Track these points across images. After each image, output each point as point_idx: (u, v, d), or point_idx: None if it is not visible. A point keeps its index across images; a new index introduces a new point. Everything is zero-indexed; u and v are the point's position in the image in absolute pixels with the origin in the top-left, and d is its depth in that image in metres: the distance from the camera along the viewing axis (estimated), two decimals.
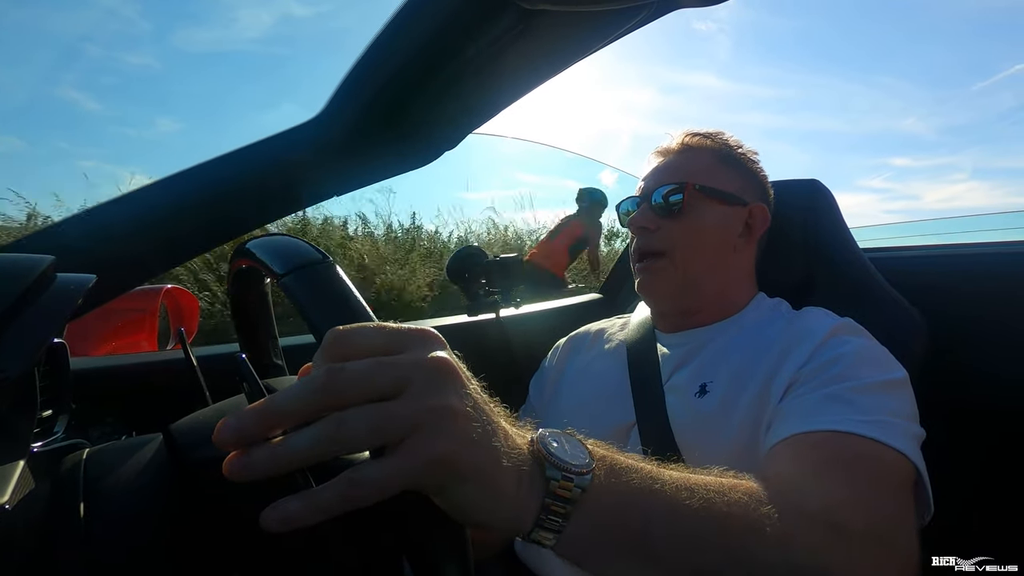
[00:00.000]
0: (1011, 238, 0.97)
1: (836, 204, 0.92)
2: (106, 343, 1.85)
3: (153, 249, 0.69)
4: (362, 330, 0.30)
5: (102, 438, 0.76)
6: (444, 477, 0.29)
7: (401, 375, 0.28)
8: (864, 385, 0.56)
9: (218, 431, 0.27)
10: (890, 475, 0.51)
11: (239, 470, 0.27)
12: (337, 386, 0.27)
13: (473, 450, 0.29)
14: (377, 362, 0.28)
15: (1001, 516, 0.87)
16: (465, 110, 0.70)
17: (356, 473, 0.27)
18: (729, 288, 0.78)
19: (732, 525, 0.38)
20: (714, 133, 0.81)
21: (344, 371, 0.27)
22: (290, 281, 0.37)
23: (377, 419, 0.27)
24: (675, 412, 0.69)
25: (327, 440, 0.27)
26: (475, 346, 1.22)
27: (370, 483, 0.27)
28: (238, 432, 0.27)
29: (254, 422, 0.27)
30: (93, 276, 0.44)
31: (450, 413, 0.28)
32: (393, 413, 0.27)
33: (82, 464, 0.38)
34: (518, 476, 0.31)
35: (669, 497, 0.36)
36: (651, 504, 0.35)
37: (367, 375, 0.28)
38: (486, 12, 0.50)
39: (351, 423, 0.27)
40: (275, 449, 0.27)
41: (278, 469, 0.27)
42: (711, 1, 0.51)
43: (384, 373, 0.28)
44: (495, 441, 0.30)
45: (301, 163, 0.72)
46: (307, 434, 0.27)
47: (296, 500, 0.27)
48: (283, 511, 0.27)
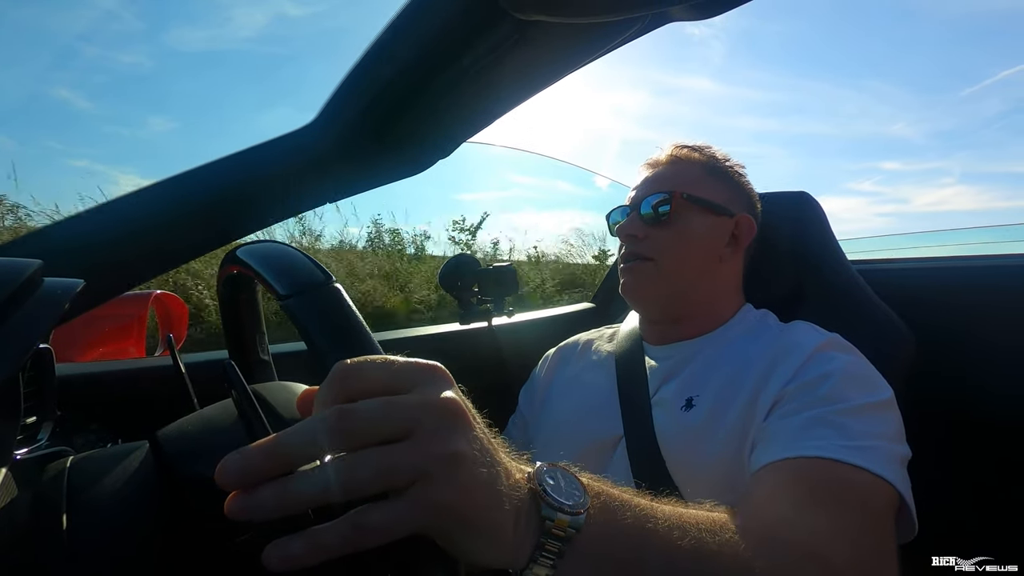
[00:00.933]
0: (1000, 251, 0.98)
1: (825, 216, 0.93)
2: (93, 349, 1.82)
3: (142, 254, 0.69)
4: (370, 366, 0.30)
5: (87, 445, 0.75)
6: (448, 522, 0.29)
7: (409, 417, 0.28)
8: (850, 408, 0.56)
9: (222, 470, 0.26)
10: (874, 504, 0.51)
11: (242, 511, 0.26)
12: (347, 429, 0.27)
13: (479, 496, 0.29)
14: (387, 403, 0.28)
15: (1001, 516, 0.87)
16: (459, 119, 0.70)
17: (361, 517, 0.27)
18: (716, 297, 0.79)
19: (722, 565, 0.38)
20: (703, 146, 0.83)
21: (353, 413, 0.27)
22: (294, 304, 0.37)
23: (385, 465, 0.27)
24: (662, 425, 0.69)
25: (334, 486, 0.26)
26: (467, 354, 1.22)
27: (374, 526, 0.27)
28: (243, 472, 0.26)
29: (260, 462, 0.27)
30: (81, 281, 0.43)
31: (458, 459, 0.28)
32: (401, 459, 0.27)
33: (66, 472, 0.37)
34: (516, 515, 0.31)
35: (662, 536, 0.36)
36: (644, 543, 0.36)
37: (375, 419, 0.28)
38: (482, 23, 0.51)
39: (360, 470, 0.27)
40: (280, 494, 0.27)
41: (282, 512, 0.27)
42: (703, 15, 0.52)
43: (392, 415, 0.28)
44: (499, 485, 0.30)
45: (294, 169, 0.72)
46: (314, 479, 0.27)
47: (298, 540, 0.27)
48: (285, 551, 0.26)
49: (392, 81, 0.61)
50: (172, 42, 17.15)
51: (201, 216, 0.70)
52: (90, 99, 10.30)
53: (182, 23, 21.05)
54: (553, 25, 0.50)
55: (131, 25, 17.66)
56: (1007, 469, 0.89)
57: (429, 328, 1.25)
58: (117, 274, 0.68)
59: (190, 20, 23.79)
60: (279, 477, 0.27)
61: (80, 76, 10.41)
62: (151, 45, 14.76)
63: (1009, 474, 0.88)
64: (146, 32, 16.55)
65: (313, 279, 0.38)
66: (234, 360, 0.34)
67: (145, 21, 18.99)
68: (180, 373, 0.48)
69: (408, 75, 0.60)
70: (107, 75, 11.80)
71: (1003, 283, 0.91)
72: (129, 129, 11.10)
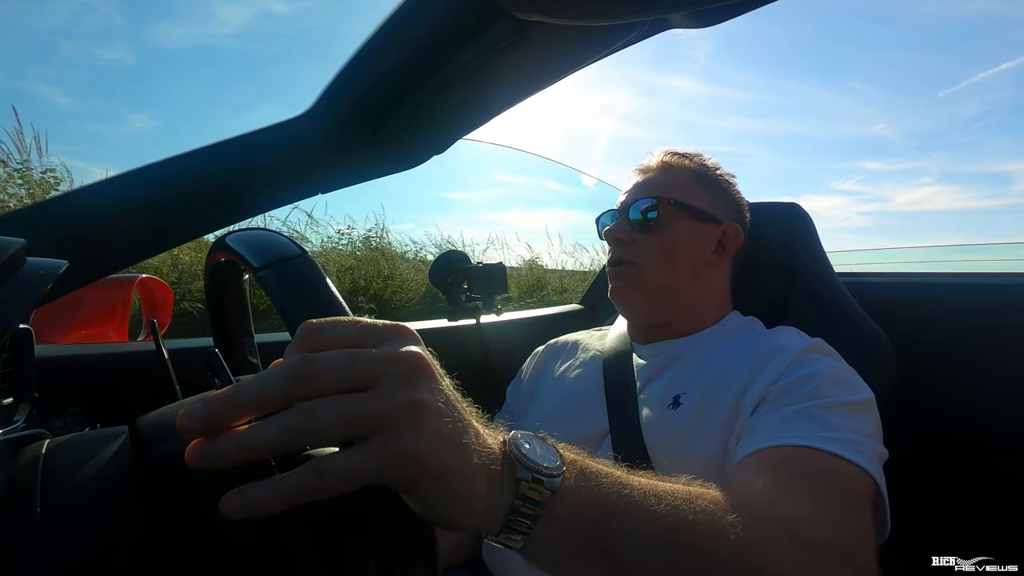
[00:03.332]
0: None
1: (814, 227, 0.94)
2: (74, 332, 1.79)
3: (129, 238, 0.68)
4: (336, 323, 0.30)
5: (64, 429, 0.74)
6: (412, 473, 0.28)
7: (373, 368, 0.28)
8: (832, 403, 0.58)
9: (182, 417, 0.26)
10: (852, 490, 0.52)
11: (202, 458, 0.26)
12: (308, 375, 0.27)
13: (443, 446, 0.29)
14: (350, 353, 0.28)
15: (1001, 517, 0.88)
16: (455, 116, 0.70)
17: (322, 464, 0.27)
18: (702, 303, 0.80)
19: (699, 532, 0.38)
20: (693, 154, 0.84)
21: (316, 360, 0.27)
22: (267, 275, 0.37)
23: (347, 410, 0.27)
24: (648, 423, 0.69)
25: (295, 430, 0.26)
26: (454, 351, 1.21)
27: (336, 474, 0.27)
28: (203, 419, 0.26)
29: (220, 409, 0.26)
30: (65, 262, 0.42)
31: (421, 408, 0.28)
32: (363, 405, 0.27)
33: (42, 456, 0.36)
34: (488, 476, 0.31)
35: (637, 502, 0.36)
36: (619, 509, 0.35)
37: (339, 365, 0.27)
38: (481, 21, 0.51)
39: (320, 414, 0.26)
40: (240, 438, 0.26)
41: (243, 458, 0.26)
42: (703, 23, 0.52)
43: (356, 365, 0.28)
44: (465, 439, 0.30)
45: (285, 159, 0.71)
46: (275, 423, 0.26)
47: (258, 487, 0.26)
48: (244, 498, 0.26)
49: (389, 75, 0.61)
50: (154, 38, 16.85)
51: (189, 201, 0.69)
52: (68, 95, 10.10)
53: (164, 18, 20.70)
54: (553, 26, 0.50)
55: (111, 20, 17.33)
56: (985, 478, 0.90)
57: (416, 323, 1.25)
58: (102, 256, 0.67)
59: (172, 16, 23.42)
60: None
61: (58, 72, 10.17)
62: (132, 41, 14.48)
63: (988, 484, 0.90)
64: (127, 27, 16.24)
65: (287, 251, 0.38)
66: (219, 352, 0.34)
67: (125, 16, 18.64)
68: (163, 359, 0.48)
69: (405, 69, 0.59)
70: (86, 71, 11.57)
71: (984, 300, 0.93)
72: (109, 126, 10.89)
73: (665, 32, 0.56)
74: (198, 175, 0.68)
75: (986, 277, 0.97)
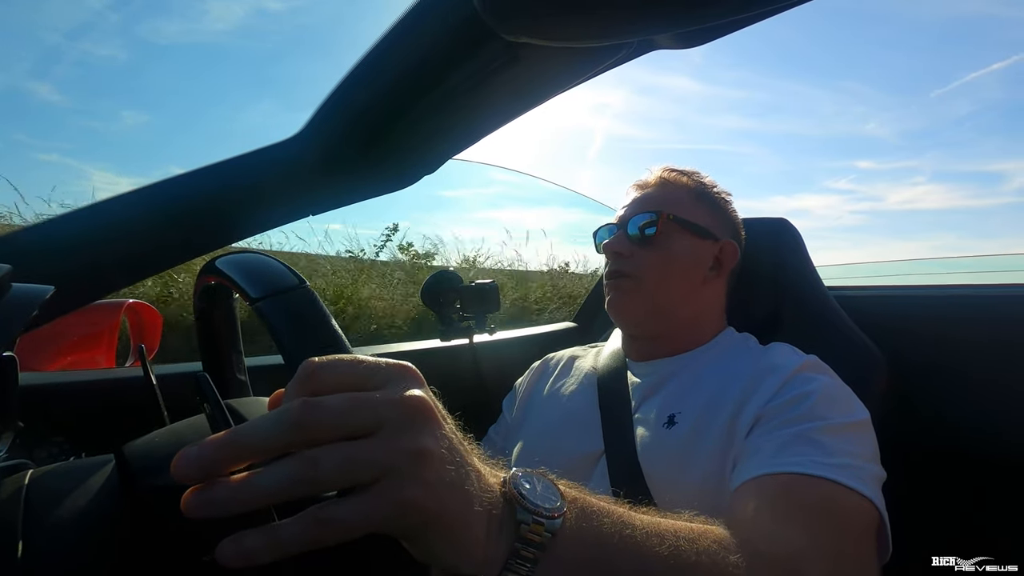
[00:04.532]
0: None
1: (802, 241, 0.95)
2: (60, 358, 1.77)
3: (117, 262, 0.67)
4: (338, 363, 0.29)
5: (48, 459, 0.72)
6: (414, 521, 0.28)
7: (376, 413, 0.27)
8: (829, 426, 0.57)
9: (177, 463, 0.25)
10: (854, 521, 0.51)
11: (198, 508, 0.25)
12: (311, 422, 0.26)
13: (446, 495, 0.28)
14: (353, 398, 0.27)
15: (1001, 517, 0.88)
16: (446, 137, 0.71)
17: (323, 512, 0.26)
18: (698, 319, 0.80)
19: (700, 573, 0.38)
20: (691, 171, 0.85)
21: (319, 406, 0.26)
22: (265, 306, 0.36)
23: (349, 459, 0.26)
24: (643, 442, 0.69)
25: (296, 480, 0.25)
26: (447, 371, 1.21)
27: (337, 523, 0.26)
28: (199, 464, 0.25)
29: (217, 454, 0.26)
30: (51, 287, 0.42)
31: (425, 456, 0.27)
32: (366, 454, 0.26)
33: (24, 488, 0.35)
34: (488, 520, 0.31)
35: (639, 543, 0.36)
36: (621, 549, 0.35)
37: (342, 412, 0.27)
38: (471, 43, 0.51)
39: (323, 463, 0.26)
40: (238, 487, 0.25)
41: (241, 508, 0.25)
42: (687, 45, 0.53)
43: (359, 411, 0.27)
44: (468, 485, 0.30)
45: (277, 182, 0.71)
46: (275, 473, 0.26)
47: (256, 535, 0.25)
48: (241, 546, 0.25)
49: (380, 97, 0.61)
50: (146, 34, 16.83)
51: (178, 225, 0.69)
52: (60, 92, 10.02)
53: (157, 15, 20.72)
54: (542, 48, 0.51)
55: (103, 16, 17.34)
56: (977, 496, 0.90)
57: (409, 344, 1.24)
58: (89, 281, 0.66)
59: (165, 12, 23.46)
60: None
61: (49, 68, 10.12)
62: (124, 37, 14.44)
63: (978, 500, 0.90)
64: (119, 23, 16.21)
65: (285, 282, 0.38)
66: (209, 376, 0.33)
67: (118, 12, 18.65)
68: (151, 385, 0.47)
69: (396, 92, 0.60)
70: (78, 67, 11.52)
71: (975, 313, 0.94)
72: (102, 123, 10.82)
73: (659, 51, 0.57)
74: (187, 198, 0.68)
75: (977, 289, 0.98)
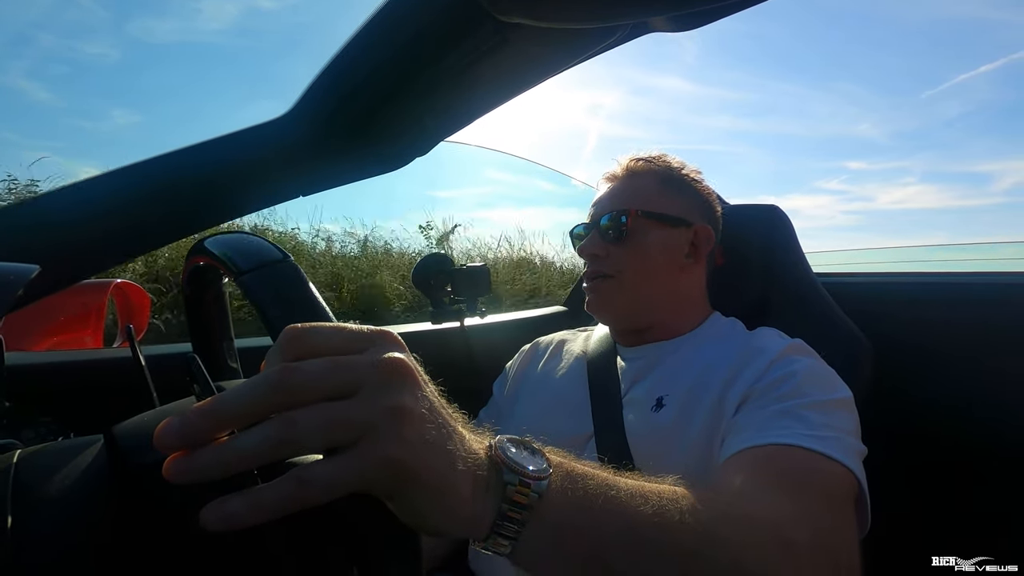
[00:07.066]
0: None
1: (792, 228, 0.95)
2: (47, 339, 1.75)
3: (104, 241, 0.66)
4: (319, 329, 0.29)
5: (36, 439, 0.72)
6: (397, 480, 0.28)
7: (356, 375, 0.27)
8: (813, 402, 0.59)
9: (159, 432, 0.25)
10: (836, 489, 0.53)
11: (181, 473, 0.25)
12: (290, 384, 0.26)
13: (427, 453, 0.28)
14: (332, 361, 0.28)
15: (1001, 517, 0.89)
16: (438, 118, 0.70)
17: (305, 472, 0.26)
18: (681, 307, 0.81)
19: (685, 533, 0.38)
20: (656, 156, 0.84)
21: (298, 370, 0.27)
22: (249, 279, 0.36)
23: (329, 419, 0.26)
24: (632, 425, 0.70)
25: (277, 441, 0.26)
26: (438, 354, 1.21)
27: (319, 483, 0.26)
28: (181, 432, 0.25)
29: (199, 422, 0.26)
30: (36, 267, 0.41)
31: (404, 414, 0.28)
32: (346, 413, 0.27)
33: (12, 467, 0.35)
34: (474, 480, 0.31)
35: (624, 503, 0.36)
36: (607, 511, 0.35)
37: (321, 374, 0.27)
38: (464, 23, 0.51)
39: (303, 423, 0.26)
40: (220, 451, 0.26)
41: (224, 472, 0.26)
42: (681, 28, 0.53)
43: (339, 372, 0.27)
44: (450, 444, 0.30)
45: (266, 161, 0.70)
46: (256, 435, 0.26)
47: (239, 498, 0.26)
48: (224, 510, 0.25)
49: (371, 76, 0.60)
50: (138, 33, 16.47)
51: (166, 204, 0.68)
52: (49, 90, 9.82)
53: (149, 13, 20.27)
54: (535, 29, 0.50)
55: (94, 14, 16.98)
56: (960, 478, 0.92)
57: (399, 327, 1.24)
58: (75, 261, 0.65)
59: (158, 10, 22.97)
60: None
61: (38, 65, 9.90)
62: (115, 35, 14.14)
63: (964, 481, 0.92)
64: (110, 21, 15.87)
65: (270, 256, 0.38)
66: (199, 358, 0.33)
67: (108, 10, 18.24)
68: (139, 366, 0.46)
69: (387, 71, 0.59)
70: (68, 65, 11.27)
71: (959, 299, 0.95)
72: (91, 122, 10.63)
73: (653, 33, 0.57)
74: (175, 177, 0.67)
75: (962, 276, 0.99)
